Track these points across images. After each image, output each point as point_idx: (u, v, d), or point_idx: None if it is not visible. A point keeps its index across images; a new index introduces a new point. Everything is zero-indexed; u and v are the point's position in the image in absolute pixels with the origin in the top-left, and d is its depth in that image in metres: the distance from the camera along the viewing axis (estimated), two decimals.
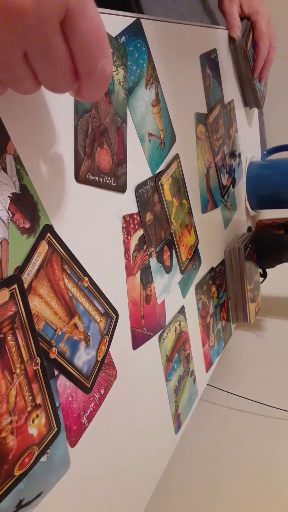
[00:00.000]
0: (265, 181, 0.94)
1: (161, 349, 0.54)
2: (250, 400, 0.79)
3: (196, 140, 0.65)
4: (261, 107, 0.95)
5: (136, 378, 0.49)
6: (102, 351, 0.41)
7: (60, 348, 0.35)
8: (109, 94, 0.41)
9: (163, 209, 0.54)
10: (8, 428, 0.30)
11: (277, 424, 0.75)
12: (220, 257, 0.78)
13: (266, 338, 1.01)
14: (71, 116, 0.36)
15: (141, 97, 0.47)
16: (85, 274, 0.38)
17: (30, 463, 0.32)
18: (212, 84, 0.71)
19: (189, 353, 0.64)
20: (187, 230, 0.61)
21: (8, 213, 0.29)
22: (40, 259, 0.32)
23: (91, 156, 0.39)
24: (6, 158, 0.29)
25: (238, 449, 0.72)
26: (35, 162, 0.32)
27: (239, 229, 0.91)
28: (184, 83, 0.60)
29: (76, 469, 0.38)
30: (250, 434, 0.75)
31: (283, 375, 0.87)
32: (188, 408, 0.65)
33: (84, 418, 0.39)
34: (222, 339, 0.80)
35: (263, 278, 0.99)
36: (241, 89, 0.88)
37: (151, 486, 0.56)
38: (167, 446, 0.60)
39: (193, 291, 0.65)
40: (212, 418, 0.79)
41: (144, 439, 0.52)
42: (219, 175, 0.75)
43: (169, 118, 0.55)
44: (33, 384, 0.32)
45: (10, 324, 0.29)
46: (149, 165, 0.50)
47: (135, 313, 0.48)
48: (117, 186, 0.43)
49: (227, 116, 0.79)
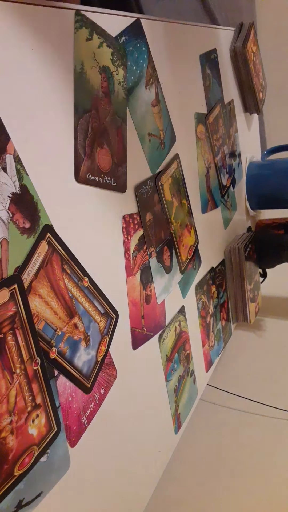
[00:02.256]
0: (265, 181, 0.95)
1: (161, 349, 0.54)
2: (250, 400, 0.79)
3: (196, 140, 0.65)
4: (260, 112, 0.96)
5: (136, 378, 0.49)
6: (102, 351, 0.41)
7: (60, 348, 0.35)
8: (109, 94, 0.41)
9: (163, 209, 0.54)
10: (8, 428, 0.30)
11: (277, 424, 0.75)
12: (220, 257, 0.78)
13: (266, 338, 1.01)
14: (71, 116, 0.36)
15: (141, 97, 0.47)
16: (85, 274, 0.38)
17: (30, 463, 0.32)
18: (212, 84, 0.71)
19: (189, 353, 0.64)
20: (187, 230, 0.61)
21: (8, 213, 0.29)
22: (40, 259, 0.32)
23: (91, 156, 0.39)
24: (6, 158, 0.29)
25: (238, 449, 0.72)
26: (35, 162, 0.32)
27: (239, 229, 0.91)
28: (184, 83, 0.60)
29: (76, 469, 0.38)
30: (250, 434, 0.75)
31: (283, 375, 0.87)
32: (188, 408, 0.65)
33: (84, 418, 0.39)
34: (222, 339, 0.80)
35: (263, 278, 0.99)
36: (241, 94, 0.88)
37: (151, 486, 0.56)
38: (167, 446, 0.60)
39: (193, 291, 0.65)
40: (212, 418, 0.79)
41: (144, 439, 0.52)
42: (219, 175, 0.75)
43: (169, 118, 0.55)
44: (33, 384, 0.32)
45: (10, 324, 0.29)
46: (149, 165, 0.50)
47: (135, 313, 0.48)
48: (117, 186, 0.43)
49: (227, 116, 0.79)
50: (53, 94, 0.34)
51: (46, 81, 0.33)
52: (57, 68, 0.34)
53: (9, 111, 0.29)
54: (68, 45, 0.35)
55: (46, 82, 0.33)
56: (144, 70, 0.48)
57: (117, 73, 0.43)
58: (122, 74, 0.43)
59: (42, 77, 0.33)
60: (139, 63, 0.47)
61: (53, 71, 0.34)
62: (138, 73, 0.47)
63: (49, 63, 0.33)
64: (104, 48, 0.40)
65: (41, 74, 0.33)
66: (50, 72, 0.33)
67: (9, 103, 0.29)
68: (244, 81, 0.85)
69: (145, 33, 0.47)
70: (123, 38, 0.43)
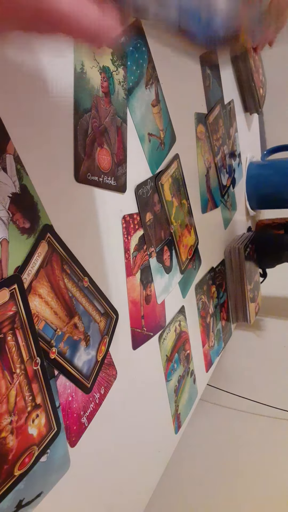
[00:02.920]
0: (265, 181, 0.95)
1: (161, 349, 0.54)
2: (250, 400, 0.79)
3: (196, 140, 0.65)
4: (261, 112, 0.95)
5: (136, 378, 0.49)
6: (102, 351, 0.41)
7: (60, 348, 0.35)
8: (109, 94, 0.41)
9: (163, 209, 0.54)
10: (8, 428, 0.30)
11: (277, 424, 0.75)
12: (220, 257, 0.78)
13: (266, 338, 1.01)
14: (71, 116, 0.36)
15: (141, 97, 0.47)
16: (85, 274, 0.38)
17: (30, 463, 0.32)
18: (212, 84, 0.71)
19: (189, 353, 0.64)
20: (187, 230, 0.61)
21: (8, 213, 0.29)
22: (40, 259, 0.32)
23: (91, 156, 0.39)
24: (6, 158, 0.29)
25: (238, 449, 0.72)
26: (35, 162, 0.32)
27: (239, 229, 0.91)
28: (184, 83, 0.60)
29: (76, 469, 0.38)
30: (250, 434, 0.75)
31: (283, 375, 0.87)
32: (188, 408, 0.65)
33: (84, 418, 0.39)
34: (222, 339, 0.80)
35: (263, 278, 0.99)
36: (241, 94, 0.88)
37: (151, 486, 0.56)
38: (167, 446, 0.60)
39: (193, 291, 0.65)
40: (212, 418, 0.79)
41: (144, 439, 0.52)
42: (219, 175, 0.75)
43: (169, 118, 0.55)
44: (33, 384, 0.32)
45: (10, 324, 0.29)
46: (149, 165, 0.50)
47: (135, 313, 0.48)
48: (117, 186, 0.43)
49: (227, 116, 0.79)
50: (53, 94, 0.34)
51: (46, 81, 0.33)
52: (57, 68, 0.34)
53: (9, 111, 0.29)
54: (68, 45, 0.35)
55: (47, 82, 0.33)
56: (144, 70, 0.48)
57: (117, 73, 0.43)
58: (122, 74, 0.43)
59: (43, 77, 0.33)
60: (139, 63, 0.47)
61: (53, 71, 0.34)
62: (138, 73, 0.47)
63: (49, 63, 0.33)
64: (105, 48, 0.40)
65: (41, 74, 0.33)
66: (51, 72, 0.33)
67: (9, 103, 0.29)
68: (244, 81, 0.84)
69: (145, 33, 0.47)
70: (123, 38, 0.43)
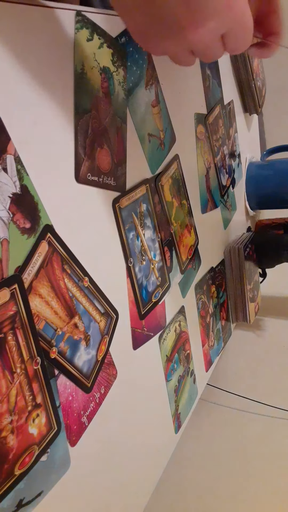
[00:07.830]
0: (265, 181, 0.95)
1: (161, 349, 0.54)
2: (250, 400, 0.79)
3: (196, 140, 0.65)
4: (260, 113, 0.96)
5: (136, 378, 0.49)
6: (102, 350, 0.41)
7: (60, 348, 0.35)
8: (109, 95, 0.41)
9: (163, 210, 0.54)
10: (9, 427, 0.30)
11: (277, 424, 0.75)
12: (219, 257, 0.78)
13: (266, 338, 1.01)
14: (71, 116, 0.36)
15: (141, 97, 0.48)
16: (85, 274, 0.38)
17: (30, 462, 0.32)
18: (212, 84, 0.71)
19: (189, 353, 0.64)
20: (187, 230, 0.61)
21: (9, 213, 0.29)
22: (40, 259, 0.32)
23: (91, 157, 0.39)
24: (7, 158, 0.29)
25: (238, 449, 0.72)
26: (36, 162, 0.32)
27: (239, 229, 0.91)
28: (184, 83, 0.60)
29: (76, 469, 0.38)
30: (250, 434, 0.75)
31: (283, 375, 0.87)
32: (188, 408, 0.65)
33: (84, 418, 0.39)
34: (222, 339, 0.80)
35: (263, 278, 0.99)
36: (241, 95, 0.88)
37: (151, 486, 0.56)
38: (167, 446, 0.60)
39: (193, 291, 0.65)
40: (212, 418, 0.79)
41: (144, 439, 0.52)
42: (219, 176, 0.75)
43: (169, 119, 0.55)
44: (34, 383, 0.32)
45: (11, 324, 0.30)
46: (149, 166, 0.50)
47: (135, 313, 0.48)
48: (117, 186, 0.44)
49: (226, 116, 0.79)
50: (53, 94, 0.34)
51: (46, 81, 0.33)
52: (58, 69, 0.34)
53: (9, 112, 0.29)
54: (68, 46, 0.36)
55: (47, 82, 0.33)
56: (144, 70, 0.48)
57: (117, 73, 0.43)
58: (122, 75, 0.44)
59: (43, 78, 0.33)
60: (139, 64, 0.47)
61: (53, 72, 0.34)
62: (138, 74, 0.47)
63: (50, 64, 0.33)
64: (105, 49, 0.40)
65: (41, 75, 0.33)
66: (51, 72, 0.34)
67: (9, 103, 0.29)
68: (244, 81, 0.84)
69: None
70: (123, 38, 0.43)
